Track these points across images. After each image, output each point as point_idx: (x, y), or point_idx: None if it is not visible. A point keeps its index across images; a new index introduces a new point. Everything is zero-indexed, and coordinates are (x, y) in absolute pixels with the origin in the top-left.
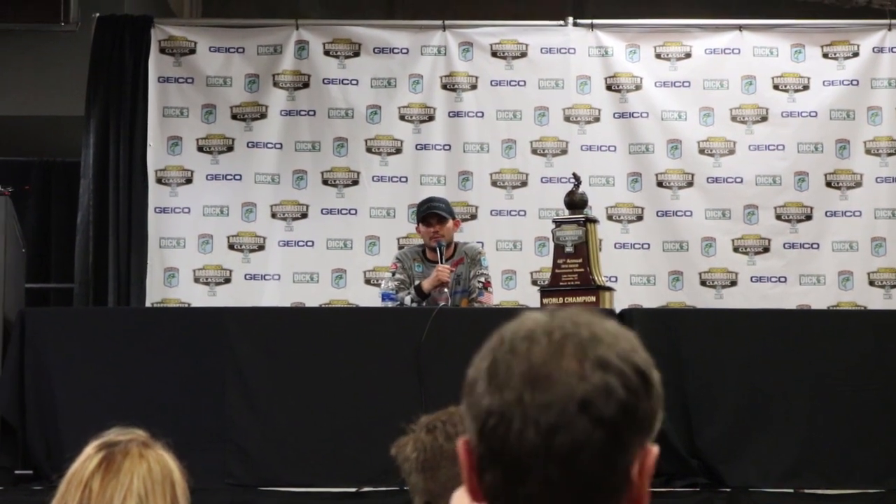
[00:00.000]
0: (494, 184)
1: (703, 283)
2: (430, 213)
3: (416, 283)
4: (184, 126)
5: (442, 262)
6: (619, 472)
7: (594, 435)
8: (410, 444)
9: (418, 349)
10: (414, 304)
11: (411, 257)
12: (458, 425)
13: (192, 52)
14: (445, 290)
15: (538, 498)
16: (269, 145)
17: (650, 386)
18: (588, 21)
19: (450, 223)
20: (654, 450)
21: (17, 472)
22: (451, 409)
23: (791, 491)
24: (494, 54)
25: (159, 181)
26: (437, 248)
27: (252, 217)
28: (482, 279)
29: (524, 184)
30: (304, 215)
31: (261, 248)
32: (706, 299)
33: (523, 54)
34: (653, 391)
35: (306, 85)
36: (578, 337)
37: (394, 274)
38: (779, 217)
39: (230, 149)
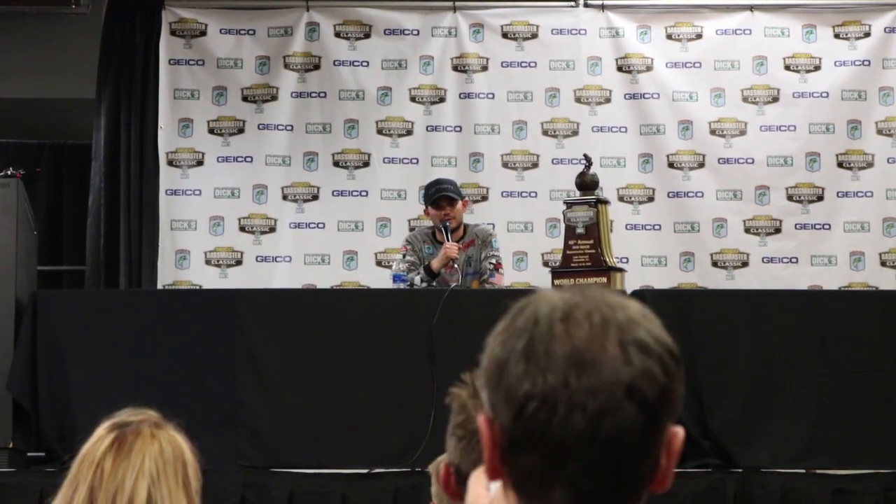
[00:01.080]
0: (505, 165)
1: (715, 263)
2: (441, 197)
3: (426, 263)
4: (195, 108)
5: (448, 240)
6: (654, 455)
7: (638, 419)
8: (457, 403)
9: (430, 331)
10: (424, 284)
11: (421, 239)
12: None
13: (203, 34)
14: (455, 265)
15: (578, 482)
16: (280, 127)
17: (681, 368)
18: (599, 2)
19: (459, 204)
20: (681, 432)
21: (29, 453)
22: None
23: (803, 471)
24: (505, 35)
25: (170, 163)
26: (444, 229)
27: (263, 199)
28: (493, 261)
29: (535, 165)
30: (315, 197)
31: (272, 229)
32: (718, 280)
33: (534, 35)
34: (682, 373)
35: (317, 67)
36: (617, 320)
37: (404, 256)
38: (790, 198)
39: (241, 131)
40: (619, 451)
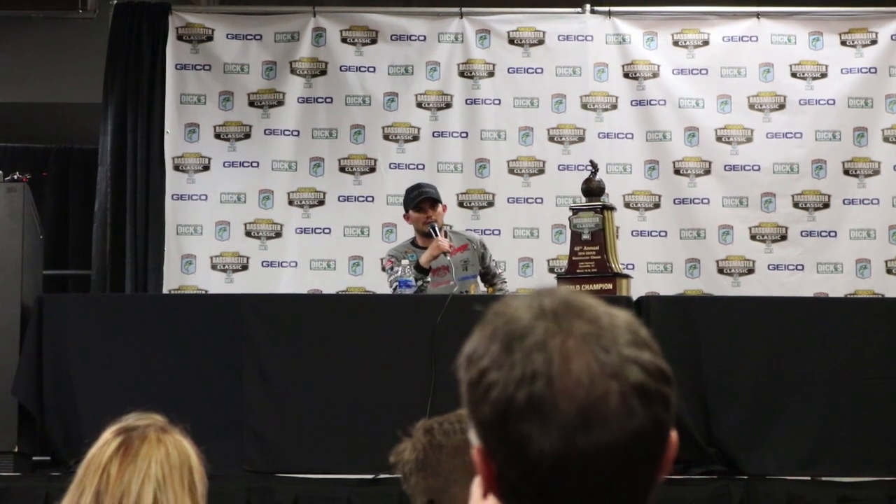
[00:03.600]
0: (511, 171)
1: (721, 270)
2: (424, 199)
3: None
4: (201, 113)
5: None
6: (657, 480)
7: (643, 461)
8: (409, 447)
9: (433, 336)
10: (419, 283)
11: (402, 250)
12: (455, 423)
13: (210, 39)
14: (448, 258)
15: None
16: (287, 132)
17: (673, 387)
18: (605, 8)
19: (440, 207)
20: (674, 439)
21: (35, 458)
22: (459, 413)
23: (808, 479)
24: (511, 41)
25: (176, 168)
26: (432, 230)
27: (269, 204)
28: (495, 261)
29: (541, 171)
30: (321, 202)
31: (278, 235)
32: (723, 287)
33: (540, 42)
34: (675, 390)
35: (323, 72)
36: (612, 364)
37: (392, 267)
38: (796, 205)
39: (247, 136)
40: (629, 496)
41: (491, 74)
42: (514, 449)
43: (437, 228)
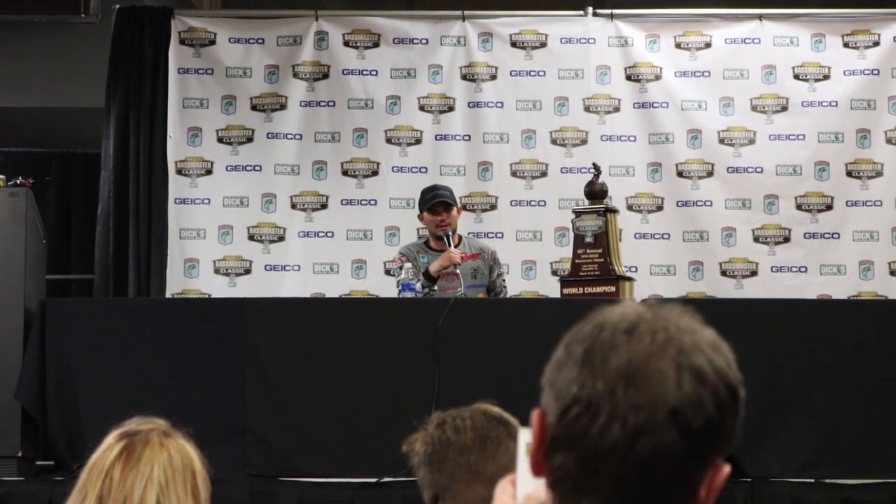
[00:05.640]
0: (514, 174)
1: (724, 273)
2: (438, 203)
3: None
4: (204, 117)
5: (451, 247)
6: (691, 484)
7: (677, 445)
8: (420, 438)
9: (436, 339)
10: (425, 290)
11: (415, 250)
12: (467, 419)
13: (212, 43)
14: (457, 270)
15: (607, 494)
16: (289, 136)
17: (738, 405)
18: (608, 11)
19: (454, 211)
20: (726, 469)
21: (38, 462)
22: (473, 408)
23: (812, 481)
24: (514, 44)
25: (179, 172)
26: (446, 237)
27: (272, 208)
28: (504, 279)
29: (544, 174)
30: (324, 206)
31: (281, 238)
32: (726, 289)
33: (543, 44)
34: (739, 410)
35: (326, 76)
36: (680, 342)
37: (401, 267)
38: (799, 207)
39: (250, 140)
40: (651, 471)
41: (493, 77)
42: (559, 392)
43: (451, 236)
